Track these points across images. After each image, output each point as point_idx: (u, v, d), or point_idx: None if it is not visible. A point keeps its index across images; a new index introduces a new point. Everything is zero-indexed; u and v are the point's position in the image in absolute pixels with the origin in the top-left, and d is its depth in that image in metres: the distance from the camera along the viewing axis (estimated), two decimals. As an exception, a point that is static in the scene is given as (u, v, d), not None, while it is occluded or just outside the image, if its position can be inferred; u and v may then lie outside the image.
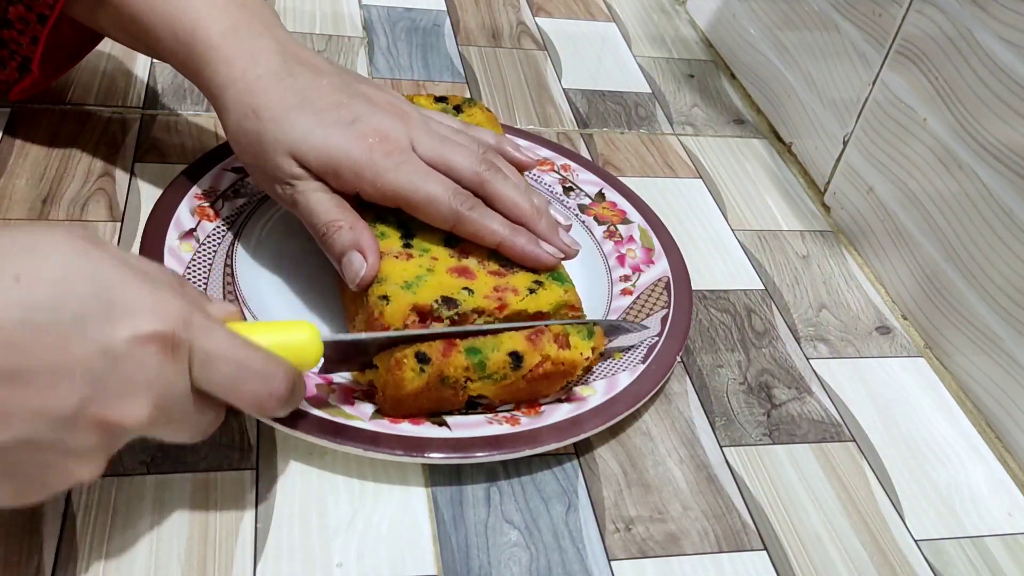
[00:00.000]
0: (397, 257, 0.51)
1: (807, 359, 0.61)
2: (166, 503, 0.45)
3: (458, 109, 0.64)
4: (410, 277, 0.50)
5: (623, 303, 0.59)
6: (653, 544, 0.48)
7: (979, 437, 0.58)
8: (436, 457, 0.47)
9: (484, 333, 0.49)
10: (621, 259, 0.63)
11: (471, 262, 0.52)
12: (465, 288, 0.50)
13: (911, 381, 0.61)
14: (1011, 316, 0.56)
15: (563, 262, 0.54)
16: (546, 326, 0.50)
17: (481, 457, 0.48)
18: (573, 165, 0.70)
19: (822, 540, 0.50)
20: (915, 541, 0.51)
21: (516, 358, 0.48)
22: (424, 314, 0.49)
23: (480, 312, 0.49)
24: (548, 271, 0.53)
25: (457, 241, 0.53)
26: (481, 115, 0.64)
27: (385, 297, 0.49)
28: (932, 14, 0.63)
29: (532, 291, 0.51)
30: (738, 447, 0.54)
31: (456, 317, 0.49)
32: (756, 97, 0.87)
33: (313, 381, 0.50)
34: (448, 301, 0.49)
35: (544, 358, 0.49)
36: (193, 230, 0.57)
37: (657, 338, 0.56)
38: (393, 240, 0.52)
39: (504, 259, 0.53)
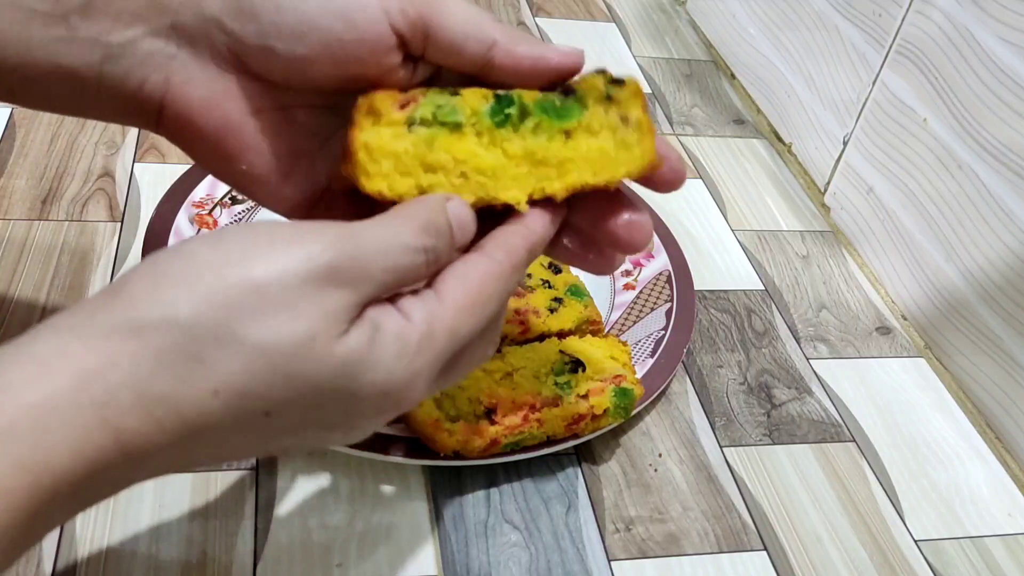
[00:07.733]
0: None
1: (807, 359, 0.61)
2: (166, 503, 0.45)
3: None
4: None
5: (626, 298, 0.59)
6: (653, 544, 0.48)
7: (979, 437, 0.58)
8: (437, 459, 0.47)
9: None
10: None
11: None
12: None
13: (911, 381, 0.61)
14: (1011, 316, 0.56)
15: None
16: None
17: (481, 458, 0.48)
18: None
19: (822, 540, 0.50)
20: (915, 541, 0.51)
21: None
22: None
23: (503, 337, 0.49)
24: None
25: None
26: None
27: None
28: (932, 14, 0.63)
29: (553, 310, 0.51)
30: (738, 447, 0.54)
31: None
32: (756, 97, 0.87)
33: None
34: None
35: None
36: None
37: (663, 332, 0.56)
38: None
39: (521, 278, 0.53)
